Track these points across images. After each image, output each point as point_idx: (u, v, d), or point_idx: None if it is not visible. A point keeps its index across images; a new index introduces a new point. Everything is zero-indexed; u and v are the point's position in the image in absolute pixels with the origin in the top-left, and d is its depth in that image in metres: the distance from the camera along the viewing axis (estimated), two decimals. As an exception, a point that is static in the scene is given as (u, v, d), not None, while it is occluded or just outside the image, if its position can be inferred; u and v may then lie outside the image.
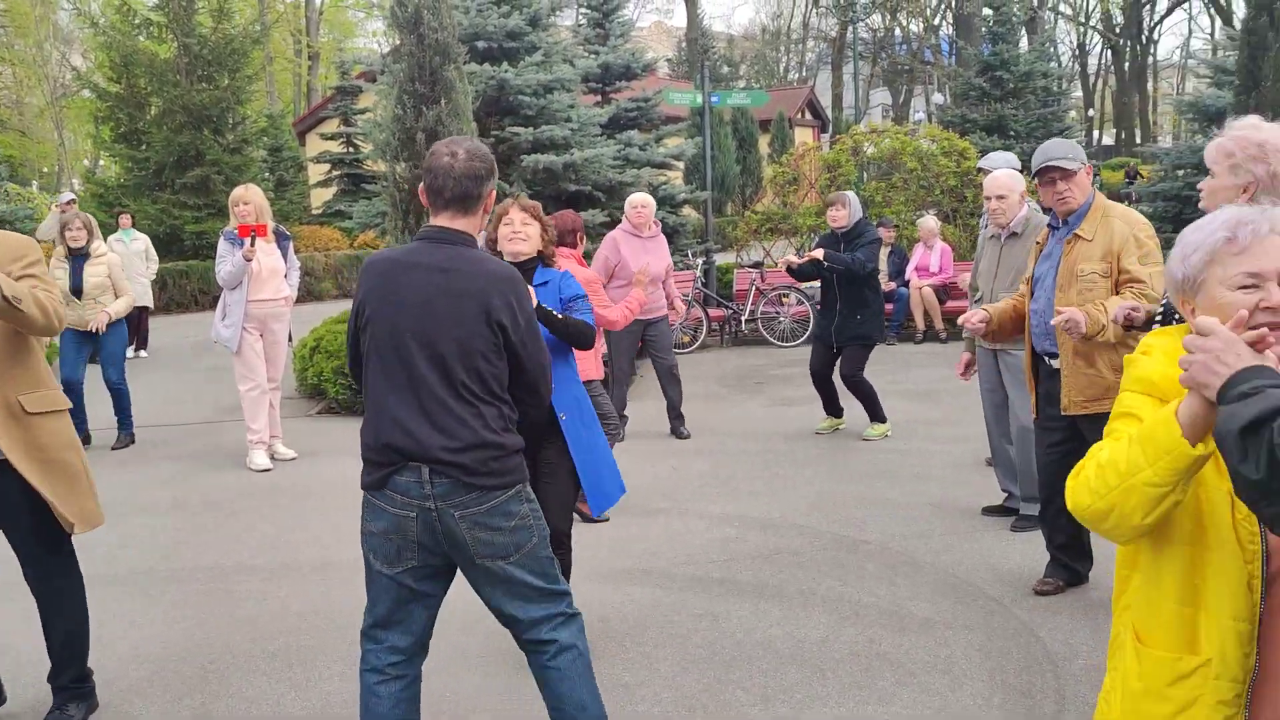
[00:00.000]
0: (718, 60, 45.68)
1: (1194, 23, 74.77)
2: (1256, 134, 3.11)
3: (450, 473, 2.91)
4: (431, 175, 2.99)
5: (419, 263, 2.96)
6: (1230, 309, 1.84)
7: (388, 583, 3.04)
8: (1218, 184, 3.18)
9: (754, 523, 6.00)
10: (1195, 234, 1.96)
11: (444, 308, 2.90)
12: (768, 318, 12.98)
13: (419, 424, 2.91)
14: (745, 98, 16.31)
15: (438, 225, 3.02)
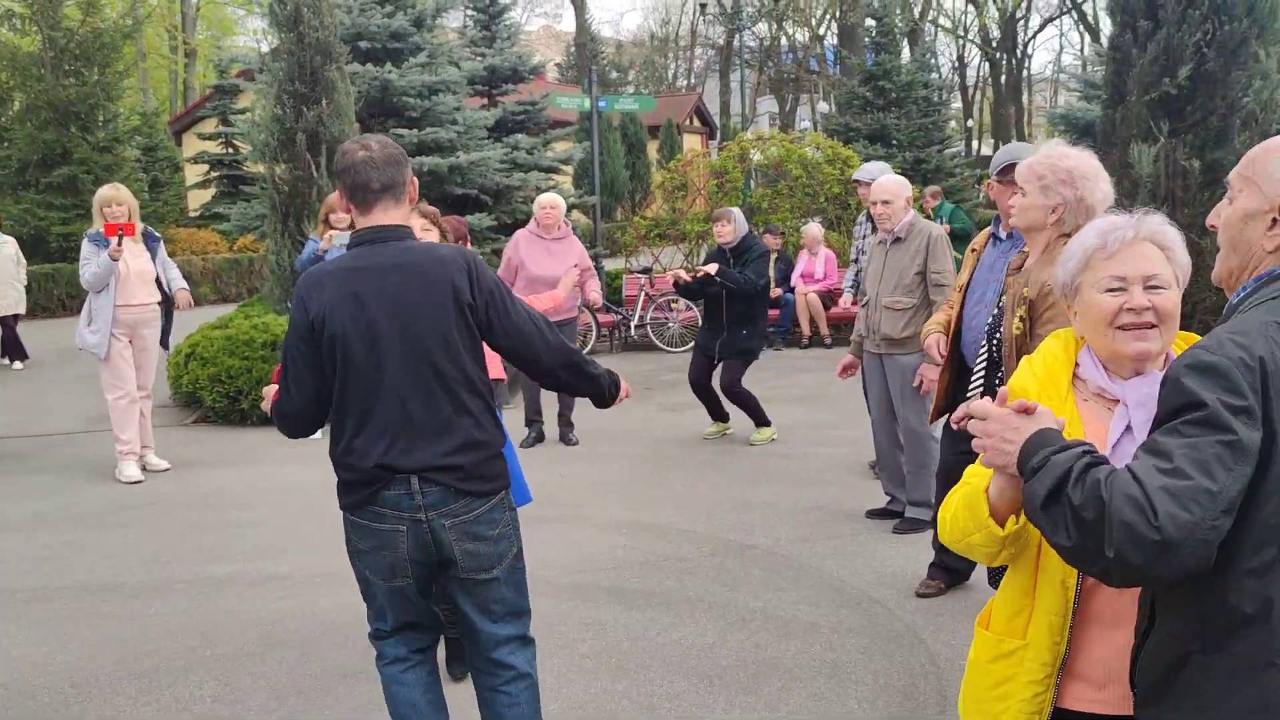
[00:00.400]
0: (606, 65, 45.76)
1: (1065, 39, 77.88)
2: (1065, 161, 3.33)
3: (442, 479, 2.81)
4: (353, 173, 2.83)
5: (375, 266, 2.82)
6: (1098, 309, 1.95)
7: (390, 592, 2.96)
8: (1029, 203, 3.42)
9: (642, 529, 5.97)
10: (1074, 242, 2.08)
11: (419, 304, 2.79)
12: (657, 323, 13.01)
13: (408, 435, 2.80)
14: (634, 103, 16.37)
15: (371, 225, 2.86)
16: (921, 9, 43.03)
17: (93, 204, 7.31)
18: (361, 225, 2.88)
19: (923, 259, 5.63)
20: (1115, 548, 1.51)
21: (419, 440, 2.79)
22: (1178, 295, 1.97)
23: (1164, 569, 1.52)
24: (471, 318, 2.84)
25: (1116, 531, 1.51)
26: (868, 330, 5.88)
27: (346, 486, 2.90)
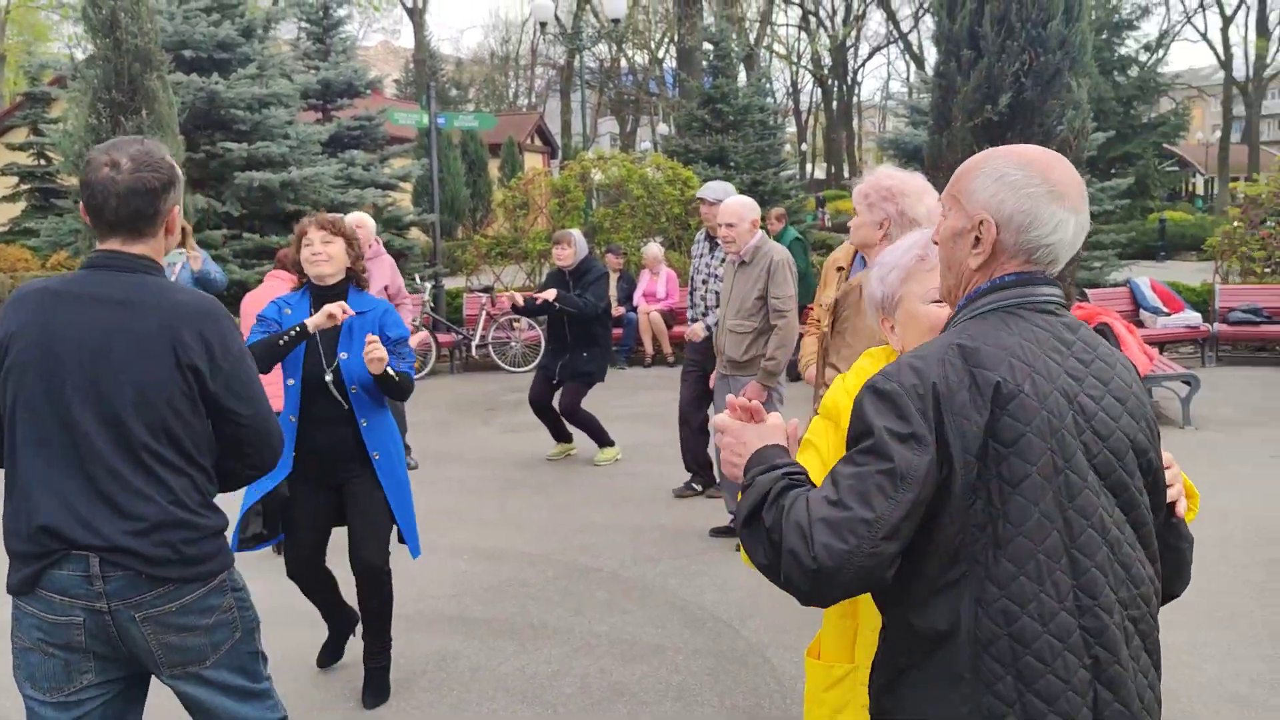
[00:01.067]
0: (446, 83, 45.26)
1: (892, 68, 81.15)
2: (887, 180, 3.62)
3: (127, 563, 2.30)
4: (89, 191, 2.39)
5: (86, 295, 2.36)
6: (926, 320, 1.99)
7: (44, 715, 2.36)
8: (860, 220, 3.71)
9: (484, 555, 5.81)
10: (891, 255, 2.10)
11: (120, 351, 2.31)
12: (499, 343, 12.82)
13: (85, 501, 2.30)
14: (474, 121, 16.17)
15: (108, 250, 2.42)
16: (757, 35, 44.11)
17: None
18: (100, 247, 2.44)
19: (764, 283, 5.64)
20: (784, 573, 1.58)
21: (101, 514, 2.29)
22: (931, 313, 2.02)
23: (825, 594, 1.58)
24: (197, 386, 2.36)
25: (784, 558, 1.57)
26: (717, 352, 5.89)
27: (12, 562, 2.34)
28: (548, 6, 23.65)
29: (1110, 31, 24.30)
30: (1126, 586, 1.64)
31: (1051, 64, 9.25)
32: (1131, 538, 1.66)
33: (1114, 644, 1.61)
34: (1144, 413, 1.73)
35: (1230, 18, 40.97)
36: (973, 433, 1.59)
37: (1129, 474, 1.67)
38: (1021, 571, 1.59)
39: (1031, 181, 1.71)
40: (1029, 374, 1.62)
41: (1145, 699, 1.66)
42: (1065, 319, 1.73)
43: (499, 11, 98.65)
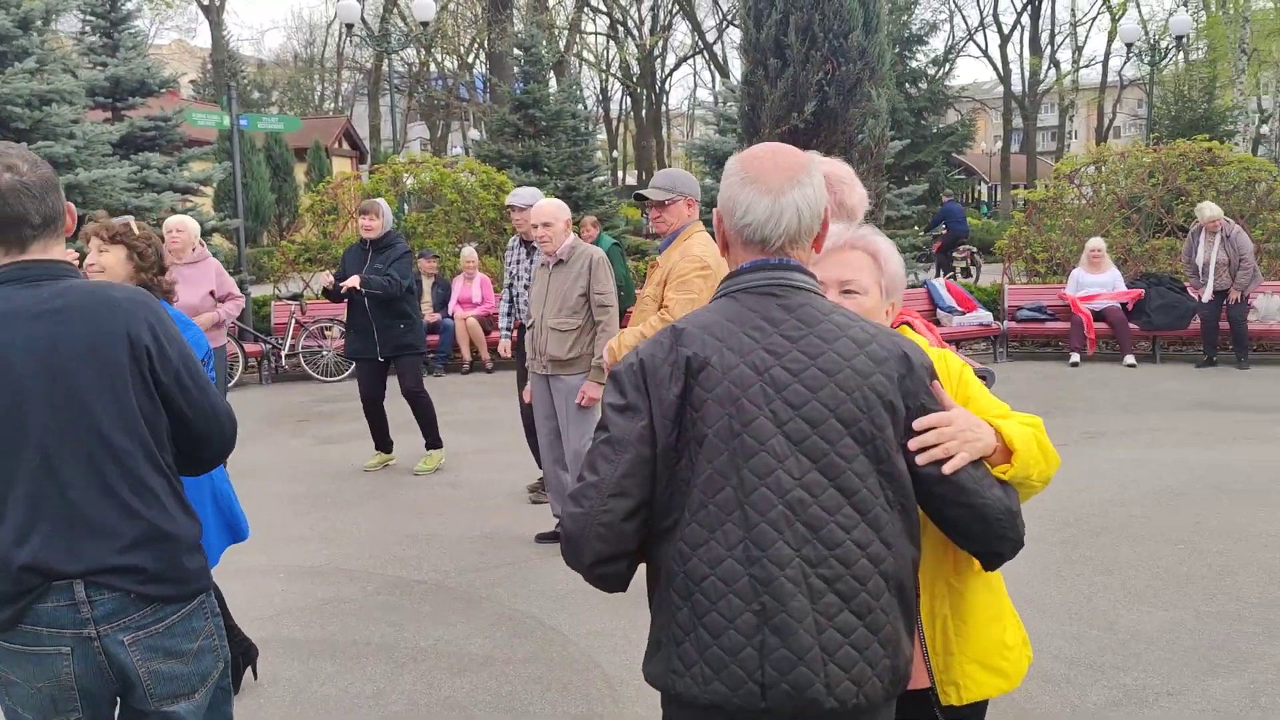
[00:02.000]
0: (248, 85, 43.53)
1: (698, 77, 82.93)
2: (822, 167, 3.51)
3: (116, 583, 2.20)
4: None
5: (14, 311, 2.20)
6: None
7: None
8: None
9: (300, 573, 5.59)
10: None
11: (76, 359, 2.19)
12: (310, 352, 12.39)
13: (66, 526, 2.19)
14: (278, 123, 15.61)
15: (23, 260, 2.25)
16: (567, 42, 44.27)
17: None
18: (4, 260, 2.26)
19: (586, 280, 5.66)
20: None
21: (84, 535, 2.20)
22: (875, 300, 2.15)
23: (581, 556, 1.89)
24: (152, 380, 2.26)
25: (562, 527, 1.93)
26: (533, 352, 5.84)
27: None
28: (354, 8, 23.07)
29: (902, 46, 25.49)
30: (813, 546, 1.80)
31: (852, 74, 9.63)
32: (832, 502, 1.81)
33: (783, 594, 1.78)
34: (860, 385, 1.84)
35: (1007, 36, 43.71)
36: (669, 401, 1.85)
37: (828, 441, 1.82)
38: (694, 519, 1.84)
39: (732, 172, 1.95)
40: (719, 348, 1.85)
41: (837, 655, 1.79)
42: (783, 300, 1.89)
43: (302, 13, 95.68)
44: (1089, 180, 14.60)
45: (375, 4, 42.47)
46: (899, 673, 1.87)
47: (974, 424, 1.91)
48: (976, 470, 1.90)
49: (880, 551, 1.83)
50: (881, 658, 1.83)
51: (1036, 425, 2.05)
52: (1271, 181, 13.52)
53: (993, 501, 1.89)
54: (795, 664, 1.78)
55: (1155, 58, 18.88)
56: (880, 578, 1.83)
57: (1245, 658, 4.28)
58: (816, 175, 1.97)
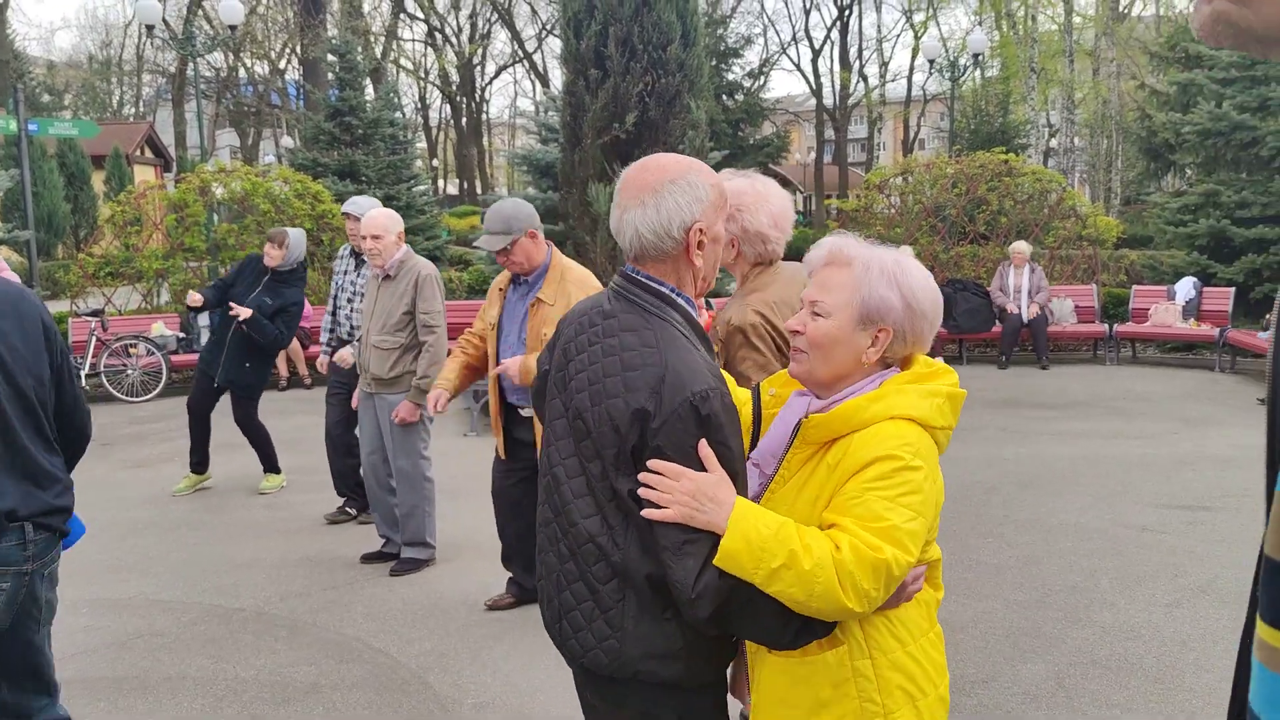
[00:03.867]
0: (37, 87, 40.92)
1: (519, 86, 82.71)
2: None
3: (51, 524, 2.72)
4: None
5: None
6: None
7: None
8: None
9: (108, 606, 5.26)
10: None
11: (10, 338, 2.66)
12: (113, 370, 11.71)
13: (18, 475, 2.65)
14: (73, 128, 14.74)
15: None
16: (383, 49, 43.42)
17: None
18: None
19: (411, 298, 5.51)
20: None
21: (29, 483, 2.67)
22: (838, 325, 1.97)
23: None
24: (49, 360, 2.77)
25: None
26: (359, 369, 5.67)
27: None
28: (154, 9, 21.95)
29: (719, 59, 26.08)
30: (562, 518, 2.00)
31: (671, 85, 9.78)
32: (579, 488, 1.97)
33: (543, 547, 2.08)
34: (601, 402, 1.92)
35: (819, 51, 45.27)
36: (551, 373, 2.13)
37: (578, 437, 1.97)
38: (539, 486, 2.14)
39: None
40: (561, 332, 2.12)
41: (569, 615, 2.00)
42: (611, 305, 2.02)
43: (96, 11, 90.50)
44: (897, 190, 15.27)
45: (178, 4, 40.63)
46: (624, 658, 1.92)
47: (706, 495, 1.83)
48: (682, 534, 1.83)
49: (609, 545, 1.93)
50: (607, 637, 1.94)
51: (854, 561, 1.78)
52: (1061, 192, 14.44)
53: (675, 569, 1.83)
54: (547, 603, 2.08)
55: (955, 74, 19.88)
56: (608, 567, 1.93)
57: (1050, 642, 4.53)
58: (670, 196, 1.94)
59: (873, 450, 1.86)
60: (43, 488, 2.71)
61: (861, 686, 1.92)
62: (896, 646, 1.97)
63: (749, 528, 1.80)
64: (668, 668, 1.92)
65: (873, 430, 1.89)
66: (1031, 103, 29.05)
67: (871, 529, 1.80)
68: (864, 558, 1.78)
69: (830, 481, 1.90)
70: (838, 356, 1.97)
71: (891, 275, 1.97)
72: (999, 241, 14.13)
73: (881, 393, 1.94)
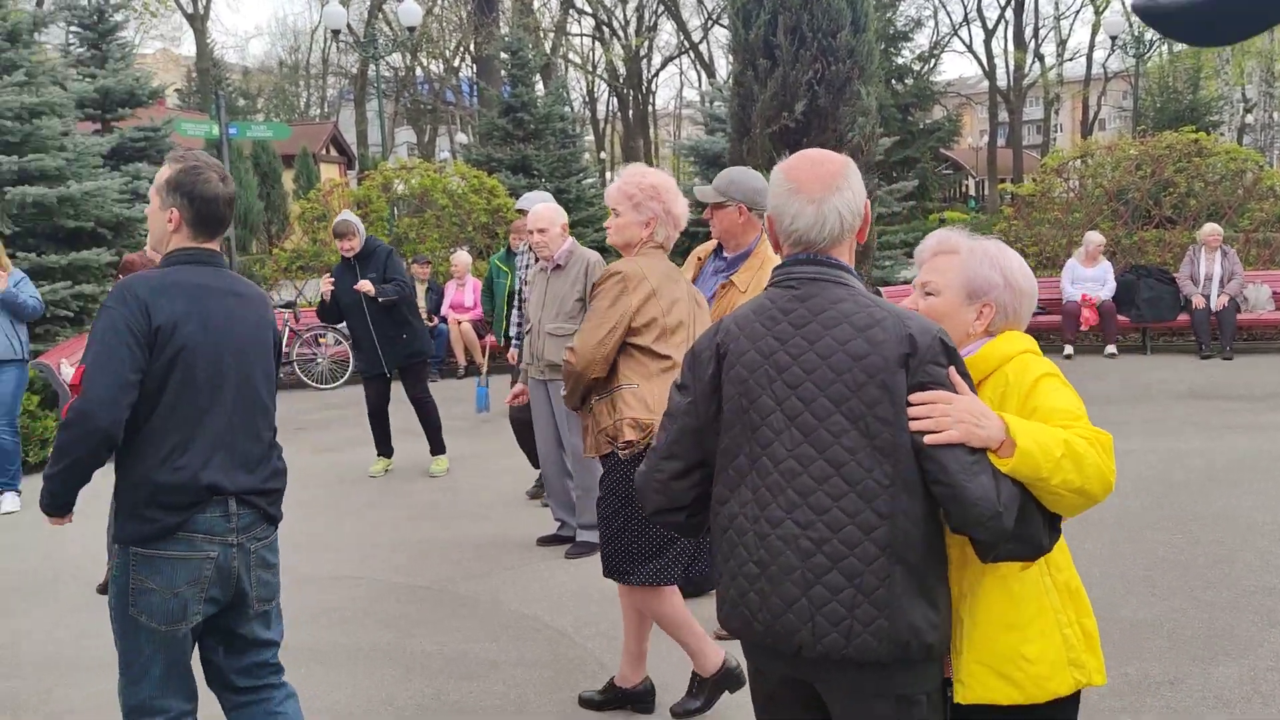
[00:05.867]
0: (233, 92, 43.45)
1: (685, 77, 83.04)
2: (646, 179, 3.77)
3: (257, 503, 2.88)
4: (213, 205, 2.90)
5: (214, 287, 2.88)
6: None
7: (165, 640, 2.80)
8: (625, 220, 3.80)
9: (303, 581, 5.59)
10: None
11: (249, 333, 2.91)
12: (304, 360, 12.40)
13: (232, 455, 2.83)
14: (267, 130, 15.60)
15: (202, 247, 2.92)
16: (553, 44, 44.27)
17: None
18: (185, 247, 2.90)
19: (583, 285, 5.65)
20: None
21: (240, 464, 2.84)
22: (948, 301, 2.27)
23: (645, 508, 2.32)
24: (274, 359, 3.03)
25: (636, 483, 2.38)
26: (531, 357, 5.86)
27: (161, 510, 2.74)
28: (339, 14, 23.05)
29: (888, 43, 25.56)
30: (803, 510, 2.02)
31: (841, 73, 9.68)
32: (820, 472, 2.01)
33: (774, 550, 2.04)
34: (851, 366, 2.01)
35: (992, 31, 43.84)
36: (704, 381, 2.18)
37: (817, 418, 2.02)
38: (721, 481, 2.17)
39: (779, 182, 2.18)
40: (737, 336, 2.15)
41: (824, 609, 1.99)
42: (797, 290, 2.12)
43: (286, 19, 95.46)
44: (1076, 173, 14.67)
45: (360, 9, 42.45)
46: (900, 636, 1.97)
47: (979, 412, 1.99)
48: (969, 455, 1.96)
49: (871, 520, 1.98)
50: (875, 618, 1.97)
51: (1092, 438, 2.04)
52: (1258, 171, 13.60)
53: (974, 488, 1.94)
54: (784, 611, 2.03)
55: (1140, 50, 18.97)
56: (872, 544, 1.98)
57: (1245, 644, 4.32)
58: (854, 178, 2.18)
59: (1032, 372, 2.16)
60: (255, 469, 2.91)
61: (1051, 601, 2.16)
62: (1065, 565, 2.22)
63: (1027, 428, 2.00)
64: (932, 635, 2.02)
65: (1016, 362, 2.19)
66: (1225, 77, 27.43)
67: (1078, 420, 2.07)
68: (1093, 437, 2.04)
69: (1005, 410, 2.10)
70: (947, 329, 2.14)
71: (993, 258, 2.26)
72: (1186, 226, 13.41)
73: (1004, 338, 2.25)
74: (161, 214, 2.89)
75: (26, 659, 4.70)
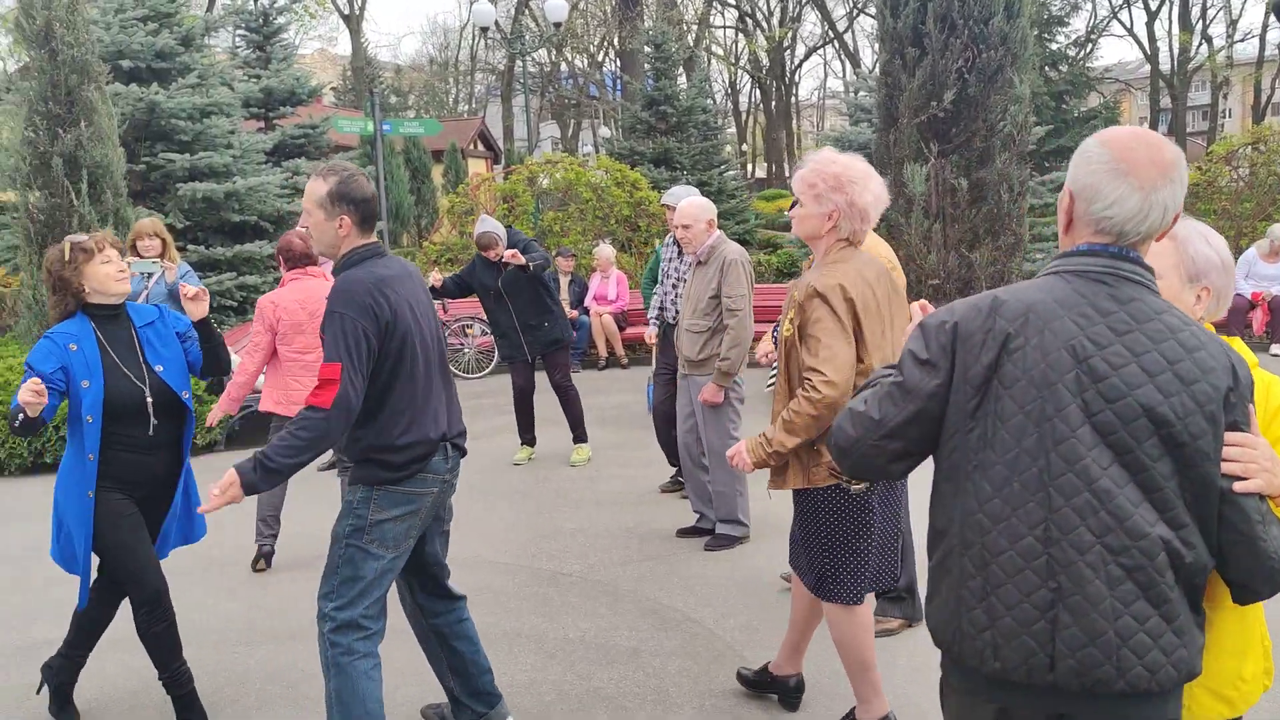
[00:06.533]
0: (386, 90, 44.89)
1: (829, 67, 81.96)
2: (829, 167, 3.45)
3: (460, 444, 3.48)
4: (370, 204, 3.34)
5: (402, 275, 3.33)
6: None
7: (388, 566, 3.31)
8: (806, 212, 3.50)
9: (452, 563, 5.74)
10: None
11: (426, 300, 3.40)
12: (452, 349, 12.74)
13: (445, 410, 3.41)
14: (418, 126, 16.04)
15: (373, 242, 3.38)
16: (696, 37, 44.28)
17: None
18: (358, 245, 3.33)
19: (718, 282, 5.65)
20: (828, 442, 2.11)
21: (450, 416, 3.44)
22: (1171, 285, 2.16)
23: (843, 466, 2.08)
24: None
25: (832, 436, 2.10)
26: (676, 352, 5.89)
27: (409, 456, 3.29)
28: (488, 11, 23.52)
29: (1042, 28, 24.69)
30: (1116, 535, 1.81)
31: (994, 60, 9.40)
32: (1135, 495, 1.81)
33: (1081, 578, 1.81)
34: (1180, 390, 1.81)
35: (1155, 13, 41.93)
36: (976, 370, 1.88)
37: (1136, 439, 1.81)
38: (997, 494, 1.87)
39: (1099, 158, 1.91)
40: (1040, 329, 1.85)
41: (1131, 641, 1.81)
42: (1115, 290, 1.88)
43: (437, 17, 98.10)
44: (1247, 161, 13.92)
45: (508, 6, 43.26)
46: (1191, 664, 1.87)
47: (1273, 458, 1.86)
48: (1262, 504, 1.86)
49: (1181, 549, 1.83)
50: (1177, 647, 1.84)
51: None
52: None
53: (1270, 540, 1.84)
54: (1086, 644, 1.82)
55: (1319, 30, 17.82)
56: (1174, 572, 1.83)
57: None
58: (1182, 170, 1.93)
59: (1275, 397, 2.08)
60: (457, 419, 3.49)
61: (1259, 618, 2.13)
62: None
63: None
64: (1199, 661, 1.91)
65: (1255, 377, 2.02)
66: None
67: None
68: None
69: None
70: None
71: (1204, 236, 2.16)
72: (1372, 217, 12.58)
73: (1234, 342, 2.06)
74: (330, 224, 3.28)
75: (199, 630, 4.97)
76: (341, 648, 3.26)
